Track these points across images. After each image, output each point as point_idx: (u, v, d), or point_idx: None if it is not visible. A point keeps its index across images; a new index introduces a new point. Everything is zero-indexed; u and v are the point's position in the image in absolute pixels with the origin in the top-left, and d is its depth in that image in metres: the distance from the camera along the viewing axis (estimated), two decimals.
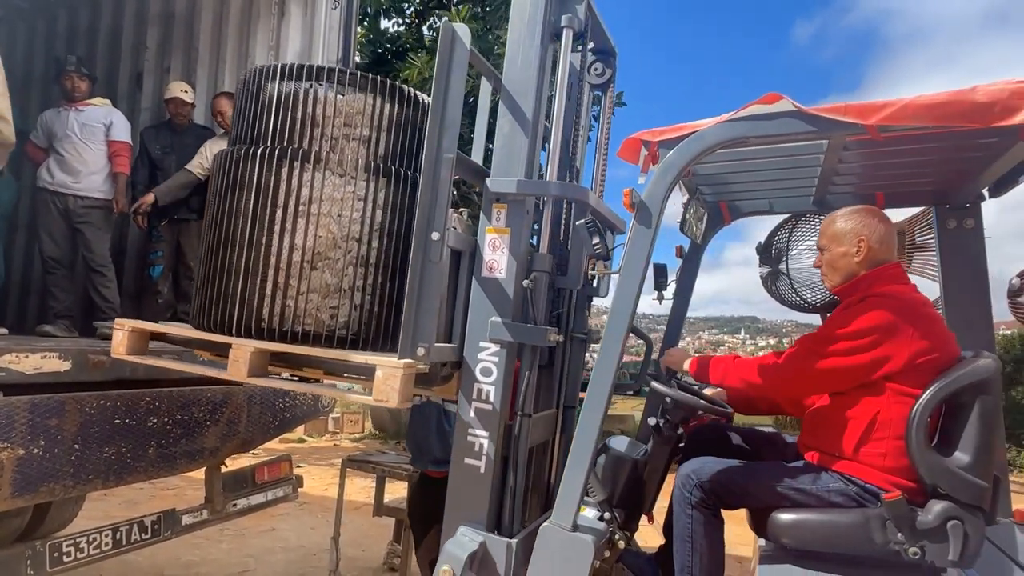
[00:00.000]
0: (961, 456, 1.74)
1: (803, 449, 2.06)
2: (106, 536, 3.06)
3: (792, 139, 1.92)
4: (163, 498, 6.03)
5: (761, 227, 3.20)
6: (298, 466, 4.42)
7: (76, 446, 2.64)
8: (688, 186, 2.55)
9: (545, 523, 1.88)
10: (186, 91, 4.26)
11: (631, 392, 2.83)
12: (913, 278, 2.64)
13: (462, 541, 2.04)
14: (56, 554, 2.86)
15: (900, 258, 2.84)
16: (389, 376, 2.01)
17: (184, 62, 4.69)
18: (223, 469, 3.68)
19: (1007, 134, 1.73)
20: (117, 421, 2.80)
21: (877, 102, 1.68)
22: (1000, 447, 2.26)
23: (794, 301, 3.15)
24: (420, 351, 2.04)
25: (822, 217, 2.80)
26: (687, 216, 2.61)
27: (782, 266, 3.15)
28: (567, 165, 2.50)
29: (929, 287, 2.53)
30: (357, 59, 4.62)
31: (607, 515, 2.01)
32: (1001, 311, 2.47)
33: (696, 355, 2.29)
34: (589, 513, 2.04)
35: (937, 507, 1.73)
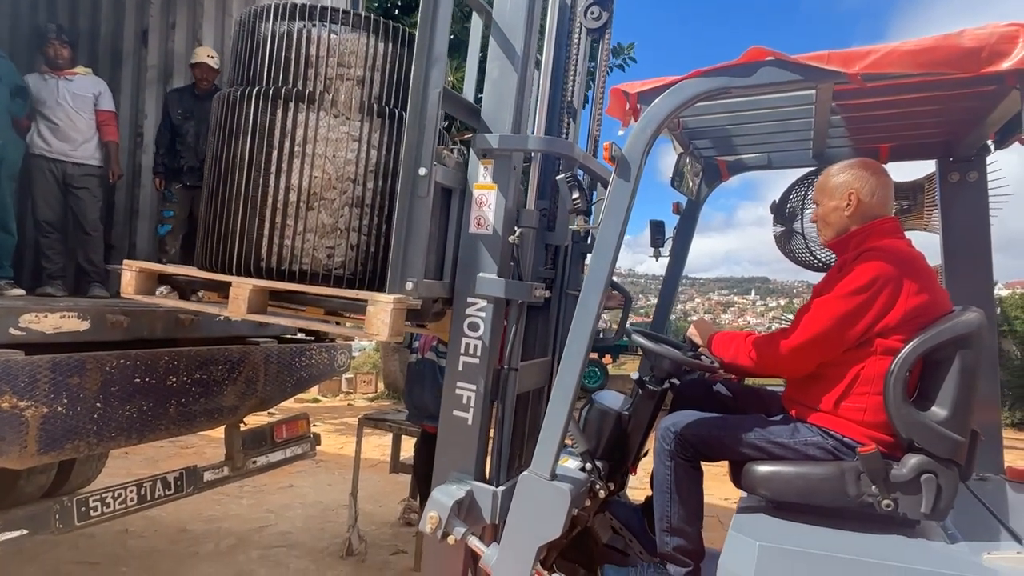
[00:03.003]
0: (938, 410, 1.77)
1: (787, 403, 2.10)
2: (131, 492, 3.19)
3: (775, 89, 1.92)
4: (183, 456, 6.32)
5: (775, 186, 3.18)
6: (314, 425, 4.59)
7: (98, 404, 2.73)
8: (681, 140, 2.55)
9: (524, 472, 1.97)
10: (212, 56, 4.37)
11: (614, 345, 2.87)
12: (931, 237, 2.63)
13: (450, 489, 2.15)
14: (83, 509, 2.97)
15: (918, 215, 2.82)
16: (380, 310, 2.09)
17: (189, 17, 4.75)
18: (242, 427, 3.83)
19: (996, 81, 1.71)
20: (137, 380, 2.89)
21: (861, 49, 1.67)
22: (993, 403, 2.28)
23: (808, 260, 3.15)
24: (409, 285, 2.11)
25: None
26: (682, 171, 2.62)
27: (796, 225, 3.15)
28: (557, 117, 2.51)
29: None
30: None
31: (588, 466, 2.08)
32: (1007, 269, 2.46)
33: (718, 331, 2.28)
34: (572, 464, 2.12)
35: (912, 460, 1.77)
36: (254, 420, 3.98)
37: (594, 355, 13.26)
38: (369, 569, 4.21)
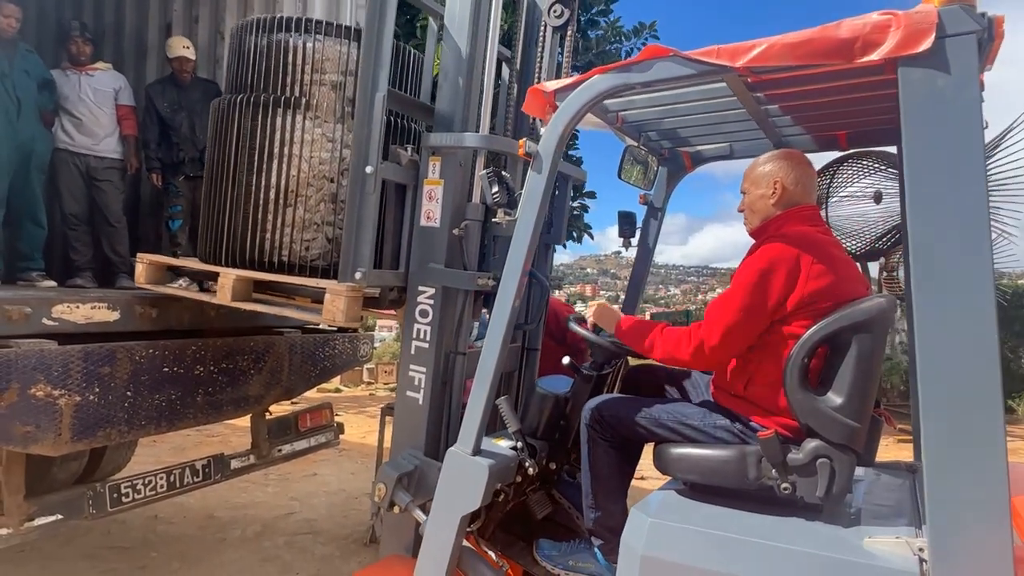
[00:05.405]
0: (833, 397, 1.92)
1: (712, 388, 2.28)
2: (161, 479, 3.50)
3: (675, 84, 2.09)
4: (210, 444, 6.87)
5: None
6: (336, 414, 4.97)
7: (128, 393, 3.02)
8: (629, 132, 2.73)
9: (451, 448, 2.24)
10: (188, 47, 4.77)
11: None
12: None
13: (400, 463, 2.47)
14: (115, 495, 3.28)
15: None
16: (334, 298, 2.47)
17: (212, 11, 5.16)
18: (267, 416, 4.18)
19: (873, 72, 1.83)
20: (166, 369, 3.19)
21: (747, 43, 1.84)
22: None
23: None
24: (358, 275, 2.45)
25: (867, 162, 2.92)
26: (645, 161, 2.81)
27: (821, 213, 3.26)
28: (522, 115, 2.74)
29: None
30: None
31: (520, 445, 2.32)
32: None
33: (626, 316, 2.39)
34: (504, 443, 2.37)
35: (809, 445, 1.94)
36: (279, 409, 4.37)
37: None
38: None
